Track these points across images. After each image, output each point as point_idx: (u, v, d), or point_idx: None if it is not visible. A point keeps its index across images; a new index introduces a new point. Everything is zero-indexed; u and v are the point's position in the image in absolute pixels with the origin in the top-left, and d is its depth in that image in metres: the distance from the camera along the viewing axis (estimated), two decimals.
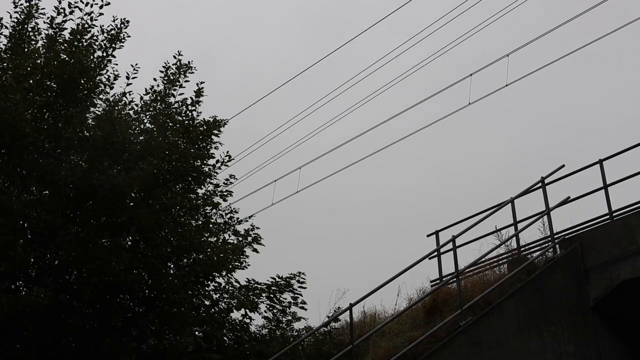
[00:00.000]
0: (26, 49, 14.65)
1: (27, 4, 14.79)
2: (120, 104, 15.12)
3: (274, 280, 15.68)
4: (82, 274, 13.70)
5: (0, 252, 12.83)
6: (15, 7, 14.75)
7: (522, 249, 12.77)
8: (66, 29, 14.68)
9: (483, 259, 12.32)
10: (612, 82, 41.80)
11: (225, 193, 16.24)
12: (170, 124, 14.94)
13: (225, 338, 15.22)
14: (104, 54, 14.71)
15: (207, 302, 15.45)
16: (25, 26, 14.80)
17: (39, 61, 14.56)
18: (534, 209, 12.79)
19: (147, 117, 15.25)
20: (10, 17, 14.76)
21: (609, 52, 39.60)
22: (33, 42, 14.87)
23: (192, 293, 14.88)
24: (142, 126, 15.18)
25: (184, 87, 15.37)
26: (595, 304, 11.65)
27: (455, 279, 11.28)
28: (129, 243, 14.61)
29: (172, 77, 15.28)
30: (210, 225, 16.08)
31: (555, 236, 12.28)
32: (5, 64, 14.32)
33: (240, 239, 16.42)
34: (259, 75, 47.98)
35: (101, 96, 15.07)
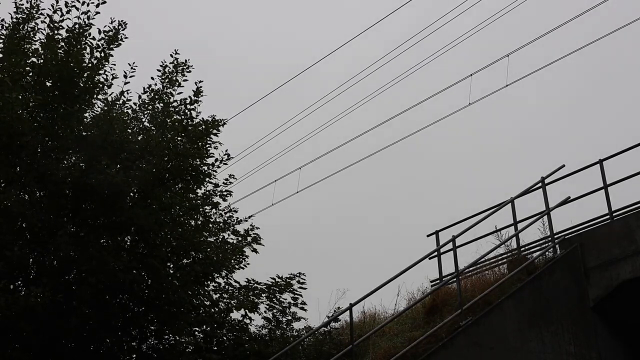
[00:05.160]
0: (23, 48, 14.61)
1: (28, 4, 14.79)
2: (118, 103, 15.12)
3: (274, 281, 15.65)
4: (81, 274, 13.69)
5: None
6: (17, 9, 14.75)
7: (522, 249, 12.76)
8: (63, 27, 14.69)
9: (483, 259, 12.31)
10: (611, 83, 41.79)
11: (225, 193, 16.24)
12: (169, 123, 14.94)
13: (225, 338, 15.20)
14: (101, 55, 14.72)
15: (206, 302, 15.43)
16: (25, 25, 14.78)
17: (36, 60, 14.55)
18: (534, 209, 12.78)
19: (146, 116, 15.25)
20: (12, 18, 14.78)
21: (608, 52, 39.61)
22: (31, 42, 14.84)
23: (191, 293, 14.87)
24: (140, 125, 15.18)
25: (182, 85, 15.38)
26: (595, 304, 11.64)
27: (455, 279, 11.27)
28: (128, 243, 14.59)
29: (169, 76, 15.29)
30: (210, 225, 16.07)
31: (555, 236, 12.26)
32: (2, 63, 14.29)
33: (239, 238, 16.42)
34: (258, 75, 47.96)
35: (99, 96, 15.08)
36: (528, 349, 10.83)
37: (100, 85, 14.92)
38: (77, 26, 14.56)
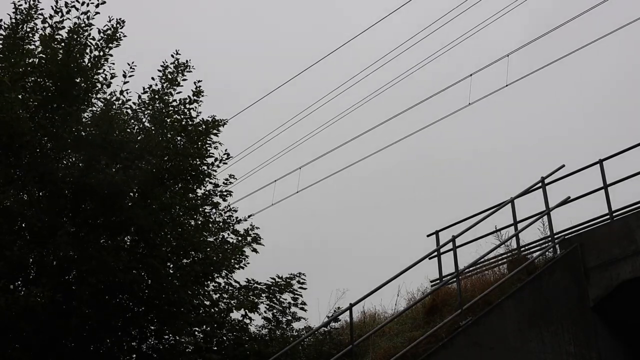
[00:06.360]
0: (22, 49, 14.61)
1: (27, 4, 14.79)
2: (117, 102, 15.12)
3: (273, 281, 15.64)
4: (81, 274, 13.68)
5: None
6: (15, 10, 14.76)
7: (522, 249, 12.76)
8: (63, 27, 14.70)
9: (483, 259, 12.31)
10: (612, 83, 41.75)
11: (225, 193, 16.23)
12: (169, 122, 14.94)
13: (225, 338, 15.20)
14: (101, 54, 14.73)
15: (206, 302, 15.43)
16: (24, 26, 14.78)
17: (35, 60, 14.55)
18: (534, 209, 12.78)
19: (146, 116, 15.26)
20: (10, 18, 14.78)
21: (608, 51, 39.55)
22: (31, 42, 14.85)
23: (191, 293, 14.86)
24: (140, 125, 15.18)
25: (181, 85, 15.38)
26: (595, 304, 11.64)
27: (455, 279, 11.26)
28: (128, 243, 14.59)
29: (170, 77, 15.28)
30: (210, 225, 16.06)
31: (555, 236, 12.26)
32: (2, 64, 14.29)
33: (239, 238, 16.40)
34: (258, 75, 47.91)
35: (99, 95, 15.08)
36: (528, 349, 10.83)
37: (99, 85, 14.93)
38: (77, 27, 14.56)
